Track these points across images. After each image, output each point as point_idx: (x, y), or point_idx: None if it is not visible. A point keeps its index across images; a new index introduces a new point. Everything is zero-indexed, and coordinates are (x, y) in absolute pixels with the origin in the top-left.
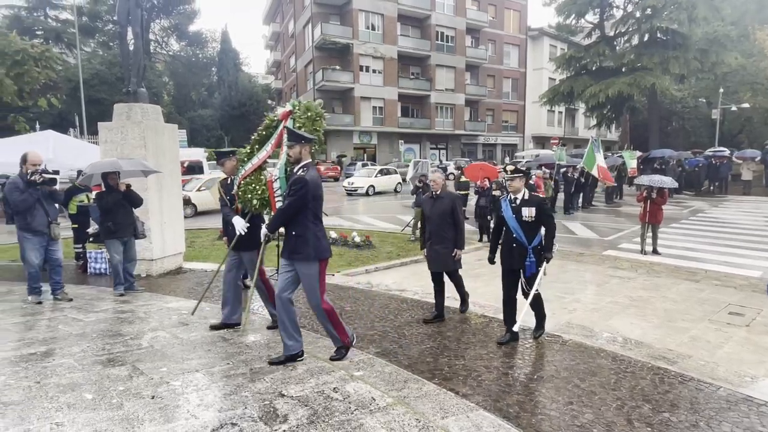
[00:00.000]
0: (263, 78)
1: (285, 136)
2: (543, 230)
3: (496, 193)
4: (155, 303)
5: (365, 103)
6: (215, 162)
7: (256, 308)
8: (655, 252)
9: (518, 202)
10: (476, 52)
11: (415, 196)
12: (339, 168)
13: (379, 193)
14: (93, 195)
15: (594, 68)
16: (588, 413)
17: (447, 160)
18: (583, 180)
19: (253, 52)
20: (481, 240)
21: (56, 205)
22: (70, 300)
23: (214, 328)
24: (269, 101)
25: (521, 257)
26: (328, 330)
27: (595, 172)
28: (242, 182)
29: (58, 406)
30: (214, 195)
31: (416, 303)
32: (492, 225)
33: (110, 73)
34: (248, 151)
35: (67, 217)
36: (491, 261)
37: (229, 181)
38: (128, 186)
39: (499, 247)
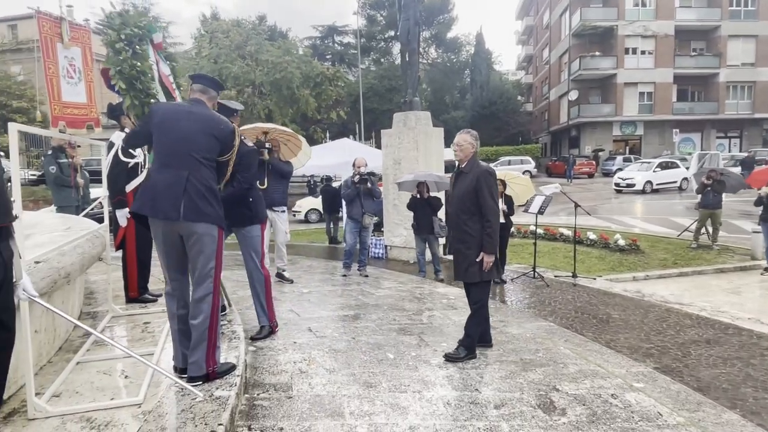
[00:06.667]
0: (512, 74)
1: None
2: None
3: None
4: (425, 287)
5: (630, 90)
6: None
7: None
8: None
9: None
10: None
11: (700, 195)
12: (595, 163)
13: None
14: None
15: None
16: None
17: (740, 150)
18: None
19: (503, 49)
20: None
21: (373, 200)
22: (366, 276)
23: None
24: (519, 97)
25: None
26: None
27: None
28: None
29: (370, 359)
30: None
31: (704, 321)
32: None
33: (381, 85)
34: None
35: None
36: None
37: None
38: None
39: None
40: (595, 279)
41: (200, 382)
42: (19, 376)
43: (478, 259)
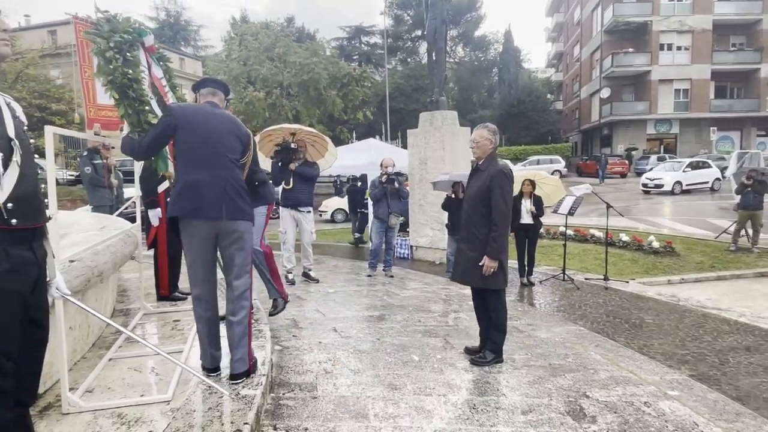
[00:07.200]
0: (542, 72)
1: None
2: None
3: None
4: (453, 288)
5: (665, 87)
6: None
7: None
8: None
9: None
10: None
11: (740, 196)
12: (628, 163)
13: None
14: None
15: None
16: None
17: None
18: None
19: (533, 46)
20: None
21: (400, 200)
22: (392, 277)
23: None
24: (548, 95)
25: None
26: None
27: None
28: None
29: (395, 361)
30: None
31: (743, 327)
32: None
33: (407, 85)
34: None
35: None
36: None
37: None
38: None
39: None
40: (627, 282)
41: (243, 378)
42: (54, 371)
43: (479, 263)
